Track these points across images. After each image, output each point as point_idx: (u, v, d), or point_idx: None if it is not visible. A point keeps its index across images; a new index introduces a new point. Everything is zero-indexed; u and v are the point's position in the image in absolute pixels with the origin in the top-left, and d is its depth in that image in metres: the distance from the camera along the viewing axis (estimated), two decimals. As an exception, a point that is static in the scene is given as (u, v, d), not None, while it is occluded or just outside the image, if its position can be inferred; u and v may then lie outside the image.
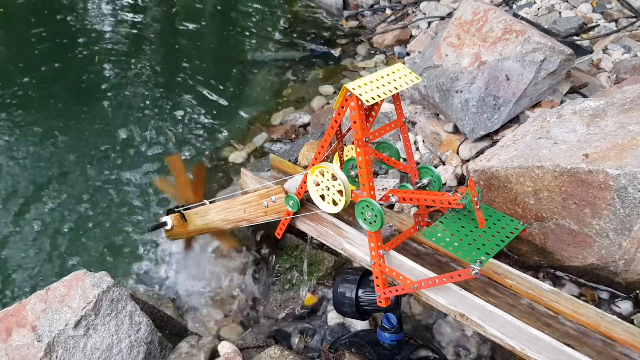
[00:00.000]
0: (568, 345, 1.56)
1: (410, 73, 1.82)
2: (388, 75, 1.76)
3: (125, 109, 4.07)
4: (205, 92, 4.30)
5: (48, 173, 3.50)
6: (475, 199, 1.57)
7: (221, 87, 4.38)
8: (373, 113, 1.86)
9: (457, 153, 2.83)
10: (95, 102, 4.13)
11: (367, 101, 1.63)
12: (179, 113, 4.06)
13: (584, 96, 2.80)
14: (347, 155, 2.15)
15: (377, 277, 1.82)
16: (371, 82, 1.70)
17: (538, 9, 4.00)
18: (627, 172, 1.85)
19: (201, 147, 3.77)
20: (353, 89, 1.64)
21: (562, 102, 2.72)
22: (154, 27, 5.33)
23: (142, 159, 3.63)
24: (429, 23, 4.58)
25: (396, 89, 1.73)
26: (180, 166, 2.69)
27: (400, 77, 1.77)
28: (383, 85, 1.71)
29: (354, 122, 1.67)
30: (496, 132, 2.72)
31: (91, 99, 4.17)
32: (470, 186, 1.57)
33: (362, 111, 1.69)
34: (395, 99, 1.86)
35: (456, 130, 2.90)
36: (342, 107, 1.72)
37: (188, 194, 2.64)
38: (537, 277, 2.14)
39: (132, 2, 5.58)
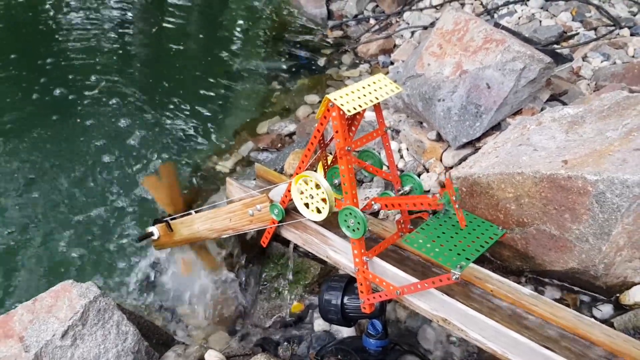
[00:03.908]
0: (547, 348, 1.58)
1: (391, 83, 1.85)
2: (369, 85, 1.79)
3: (110, 120, 4.07)
4: (191, 101, 4.31)
5: (32, 184, 3.49)
6: (454, 198, 1.59)
7: (207, 97, 4.39)
8: (355, 122, 1.89)
9: (441, 160, 2.86)
10: (80, 112, 4.13)
11: (349, 111, 1.66)
12: (165, 123, 4.07)
13: (564, 103, 2.85)
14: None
15: (361, 284, 1.85)
16: (352, 92, 1.73)
17: (519, 18, 4.05)
18: (605, 177, 1.88)
19: (187, 157, 3.78)
20: (335, 99, 1.67)
21: (542, 109, 2.76)
22: (139, 38, 5.33)
23: (128, 169, 3.63)
24: (412, 32, 4.63)
25: (377, 98, 1.76)
26: (173, 174, 2.71)
27: (380, 87, 1.80)
28: (364, 95, 1.74)
29: (336, 132, 1.70)
30: (478, 139, 2.76)
31: (76, 108, 4.16)
32: (447, 186, 1.59)
33: (344, 121, 1.72)
34: (377, 108, 1.89)
35: (439, 138, 2.94)
36: (325, 117, 1.75)
37: (176, 203, 2.65)
38: (520, 282, 2.18)
39: (116, 15, 5.58)
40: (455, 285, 1.86)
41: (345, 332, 2.32)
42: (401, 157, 3.04)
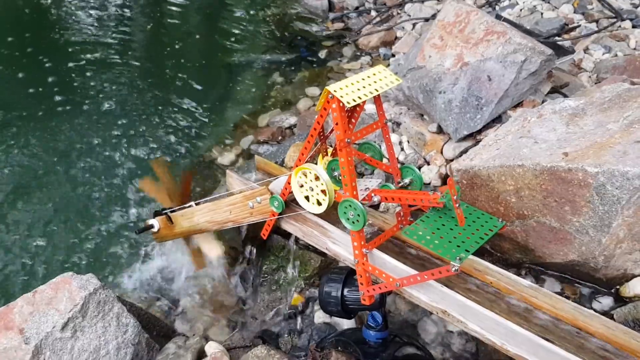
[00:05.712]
0: (546, 339, 1.59)
1: (391, 75, 1.84)
2: (369, 77, 1.79)
3: (111, 112, 4.07)
4: (191, 94, 4.30)
5: (32, 176, 3.49)
6: (455, 197, 1.60)
7: (208, 90, 4.38)
8: (355, 114, 1.88)
9: (441, 153, 2.86)
10: (80, 105, 4.13)
11: (349, 103, 1.65)
12: (166, 116, 4.07)
13: (565, 96, 2.84)
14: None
15: (360, 276, 1.85)
16: (352, 84, 1.72)
17: (520, 10, 4.04)
18: (606, 170, 1.88)
19: (188, 150, 3.77)
20: (334, 90, 1.66)
21: (543, 101, 2.76)
22: (139, 32, 5.32)
23: (128, 162, 3.64)
24: (414, 24, 4.61)
25: (377, 90, 1.75)
26: (164, 169, 2.71)
27: (381, 79, 1.80)
28: (364, 87, 1.73)
29: (336, 124, 1.70)
30: (479, 131, 2.75)
31: (77, 101, 4.16)
32: (449, 185, 1.60)
33: (344, 113, 1.71)
34: (377, 100, 1.88)
35: (440, 131, 2.93)
36: (325, 109, 1.75)
37: (173, 197, 2.65)
38: (520, 275, 2.18)
39: (118, 8, 5.56)
40: (455, 277, 1.86)
41: (346, 324, 2.32)
42: (402, 149, 3.03)
